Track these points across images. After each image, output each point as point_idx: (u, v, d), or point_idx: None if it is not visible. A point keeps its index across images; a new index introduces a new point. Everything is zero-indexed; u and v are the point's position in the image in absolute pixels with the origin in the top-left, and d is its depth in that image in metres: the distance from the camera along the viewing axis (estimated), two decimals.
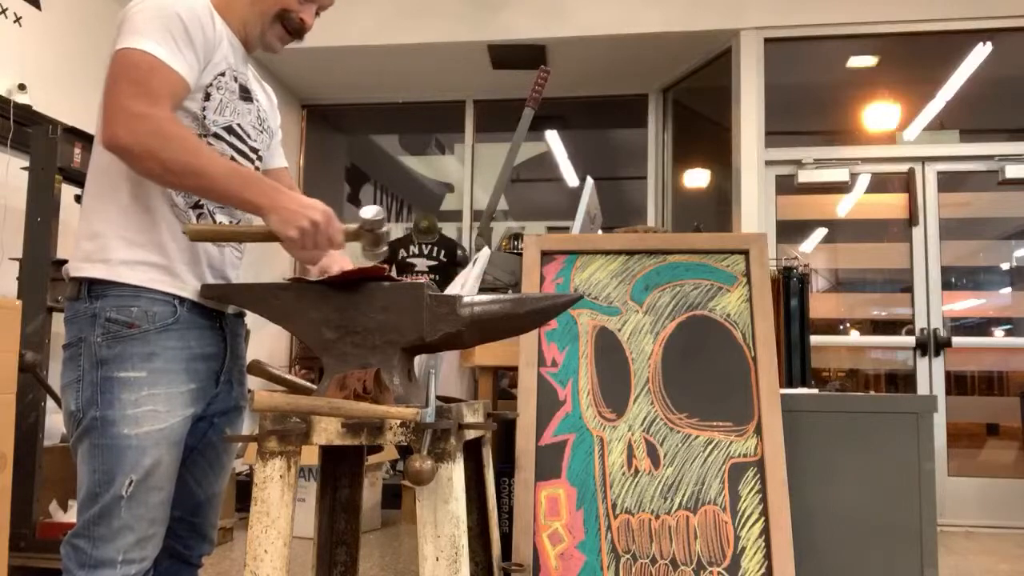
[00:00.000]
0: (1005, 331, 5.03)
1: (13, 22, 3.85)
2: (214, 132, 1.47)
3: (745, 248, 2.22)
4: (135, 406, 1.36)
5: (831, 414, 2.14)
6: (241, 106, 1.53)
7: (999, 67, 4.82)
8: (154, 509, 1.40)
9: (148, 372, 1.38)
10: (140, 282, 1.39)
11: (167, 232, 1.42)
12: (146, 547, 1.39)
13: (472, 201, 6.03)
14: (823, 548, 2.06)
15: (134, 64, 1.33)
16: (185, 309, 1.43)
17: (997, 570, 3.56)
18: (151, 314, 1.39)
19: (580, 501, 2.01)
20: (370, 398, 1.34)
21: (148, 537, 1.39)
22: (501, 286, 2.57)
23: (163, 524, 1.43)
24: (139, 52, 1.33)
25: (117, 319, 1.38)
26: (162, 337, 1.40)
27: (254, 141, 1.58)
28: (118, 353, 1.37)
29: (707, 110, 5.59)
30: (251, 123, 1.56)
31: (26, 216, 3.09)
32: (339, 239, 1.37)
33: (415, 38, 5.10)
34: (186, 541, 1.57)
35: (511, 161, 2.79)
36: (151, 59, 1.33)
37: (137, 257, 1.40)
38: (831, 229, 5.30)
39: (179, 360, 1.42)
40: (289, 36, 1.58)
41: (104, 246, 1.39)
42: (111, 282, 1.38)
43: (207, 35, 1.42)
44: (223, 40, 1.47)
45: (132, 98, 1.30)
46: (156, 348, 1.39)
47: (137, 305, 1.39)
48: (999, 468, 4.81)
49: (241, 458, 4.55)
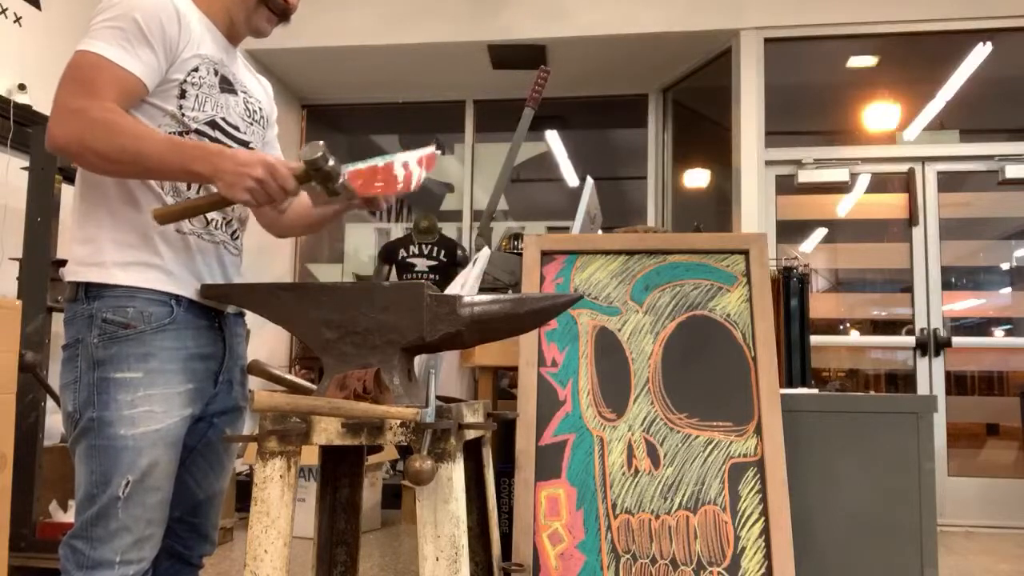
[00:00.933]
0: (1005, 331, 5.03)
1: (13, 22, 3.85)
2: (195, 129, 1.45)
3: (745, 248, 2.22)
4: (131, 407, 1.36)
5: (831, 414, 2.14)
6: (224, 99, 1.50)
7: (999, 67, 4.82)
8: (152, 510, 1.39)
9: (144, 373, 1.38)
10: (135, 283, 1.39)
11: (158, 232, 1.42)
12: (144, 548, 1.39)
13: (472, 201, 6.03)
14: (823, 548, 2.06)
15: (78, 65, 1.34)
16: (182, 309, 1.43)
17: (997, 570, 3.56)
18: (147, 314, 1.39)
19: (580, 501, 2.01)
20: (370, 398, 1.34)
21: (146, 538, 1.39)
22: (501, 286, 2.57)
23: (161, 525, 1.43)
24: (87, 54, 1.34)
25: (113, 320, 1.38)
26: (158, 337, 1.40)
27: (243, 133, 1.55)
28: (114, 354, 1.37)
29: (707, 110, 5.59)
30: (239, 114, 1.53)
31: (26, 216, 3.09)
32: (290, 185, 1.33)
33: (415, 38, 5.10)
34: (186, 541, 1.57)
35: (511, 161, 2.79)
36: (96, 58, 1.33)
37: (130, 258, 1.40)
38: (831, 229, 5.30)
39: (176, 360, 1.42)
40: (276, 17, 1.55)
41: (97, 250, 1.40)
42: (107, 284, 1.39)
43: (169, 32, 1.40)
44: (195, 34, 1.45)
45: (70, 95, 1.31)
46: (152, 348, 1.39)
47: (133, 306, 1.39)
48: (999, 468, 4.81)
49: (241, 458, 4.55)
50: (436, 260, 5.28)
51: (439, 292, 1.46)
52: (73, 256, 1.43)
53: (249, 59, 1.63)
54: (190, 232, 1.46)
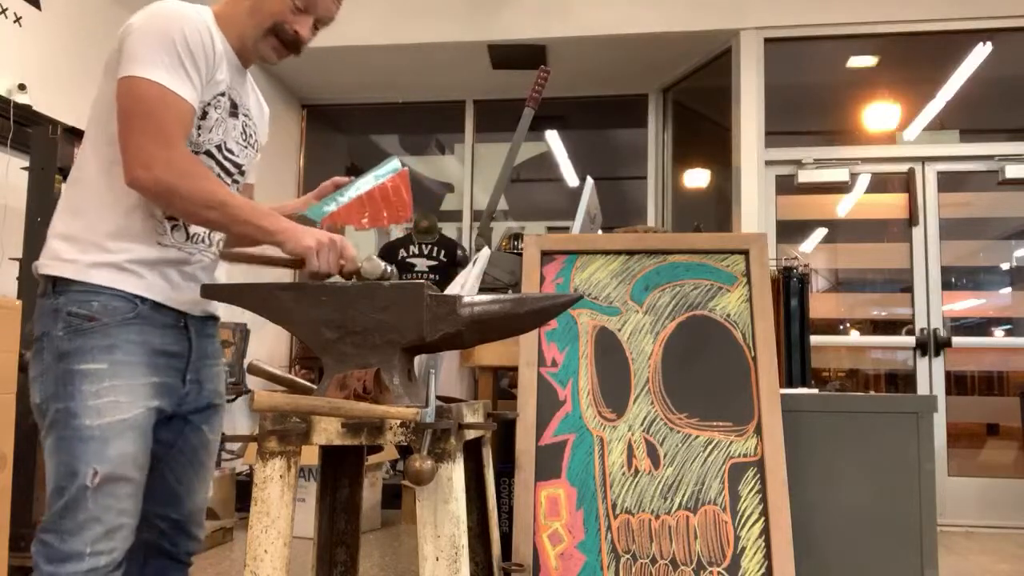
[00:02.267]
0: (1005, 331, 5.03)
1: (13, 22, 3.85)
2: (206, 150, 1.49)
3: (745, 248, 2.22)
4: (96, 397, 1.37)
5: (831, 414, 2.15)
6: (229, 123, 1.54)
7: (999, 67, 4.82)
8: (122, 500, 1.39)
9: (109, 364, 1.39)
10: (103, 282, 1.41)
11: (139, 239, 1.44)
12: (114, 538, 1.38)
13: (472, 201, 6.03)
14: (823, 548, 2.06)
15: (144, 98, 1.36)
16: (147, 307, 1.45)
17: (997, 570, 3.56)
18: (111, 308, 1.41)
19: (580, 501, 2.01)
20: (370, 398, 1.34)
21: (116, 528, 1.38)
22: (501, 286, 2.57)
23: (133, 516, 1.42)
24: (147, 83, 1.36)
25: (78, 313, 1.39)
26: (122, 330, 1.41)
27: (237, 156, 1.58)
28: (79, 346, 1.39)
29: (707, 110, 5.59)
30: (235, 139, 1.57)
31: (26, 216, 3.09)
32: (350, 254, 1.41)
33: (415, 38, 5.10)
34: (172, 539, 1.58)
35: (511, 161, 2.79)
36: (160, 91, 1.36)
37: (105, 259, 1.42)
38: (831, 229, 5.30)
39: (140, 353, 1.43)
40: (284, 49, 1.57)
41: (76, 247, 1.42)
42: (74, 280, 1.41)
43: (208, 54, 1.44)
44: (219, 56, 1.48)
45: (147, 136, 1.35)
46: (116, 340, 1.40)
47: (97, 300, 1.40)
48: (999, 468, 4.81)
49: (241, 458, 4.55)
50: (436, 260, 5.28)
51: (439, 292, 1.46)
52: (48, 248, 1.45)
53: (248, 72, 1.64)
54: (172, 245, 1.49)
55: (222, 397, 1.64)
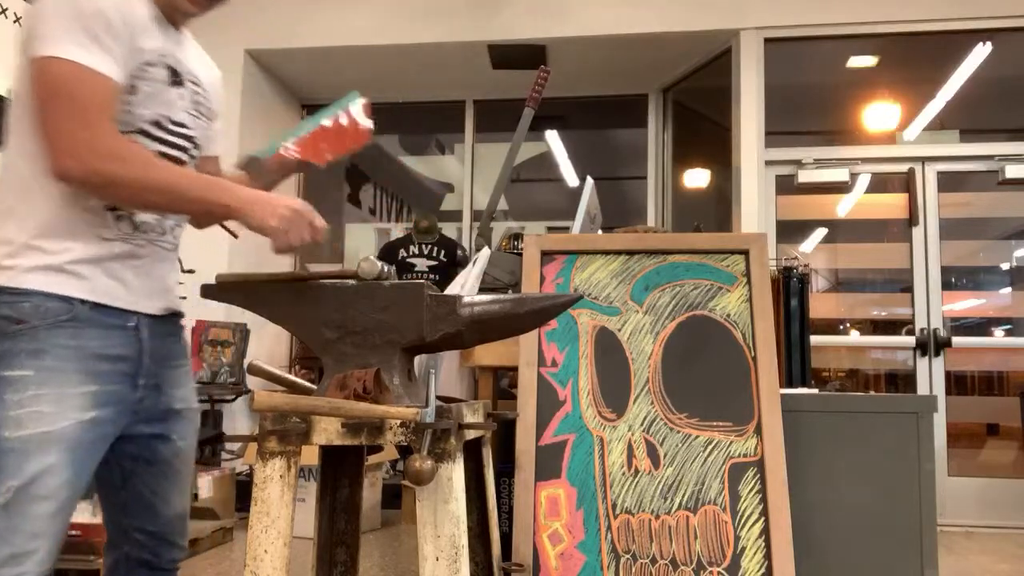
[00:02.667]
0: (1005, 331, 5.03)
1: (13, 22, 3.85)
2: (139, 128, 1.36)
3: (745, 248, 2.22)
4: (18, 407, 1.25)
5: (831, 414, 2.15)
6: (170, 94, 1.40)
7: (999, 67, 4.82)
8: (37, 521, 1.24)
9: (36, 371, 1.26)
10: (38, 286, 1.29)
11: (77, 236, 1.32)
12: (23, 563, 1.23)
13: (472, 201, 6.03)
14: (823, 548, 2.06)
15: (59, 79, 1.24)
16: (86, 308, 1.32)
17: (997, 570, 3.56)
18: (43, 309, 1.28)
19: (580, 501, 2.01)
20: (370, 398, 1.34)
21: (25, 553, 1.23)
22: (501, 286, 2.57)
23: (50, 540, 1.27)
24: (59, 62, 1.23)
25: (8, 316, 1.27)
26: (53, 334, 1.28)
27: (190, 129, 1.45)
28: (6, 350, 1.26)
29: (707, 110, 5.59)
30: (184, 109, 1.43)
31: None
32: (320, 223, 1.33)
33: (415, 38, 5.10)
34: (154, 550, 1.49)
35: (511, 161, 2.79)
36: (76, 68, 1.23)
37: (43, 262, 1.30)
38: (831, 229, 5.30)
39: (73, 359, 1.30)
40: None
41: (11, 252, 1.30)
42: (8, 287, 1.29)
43: (129, 21, 1.30)
44: (148, 21, 1.35)
45: (69, 121, 1.23)
46: (45, 345, 1.27)
47: (29, 301, 1.28)
48: (999, 468, 4.81)
49: (241, 458, 4.55)
50: (436, 260, 5.29)
51: (439, 292, 1.46)
52: None
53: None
54: (116, 238, 1.36)
55: (190, 401, 1.52)
